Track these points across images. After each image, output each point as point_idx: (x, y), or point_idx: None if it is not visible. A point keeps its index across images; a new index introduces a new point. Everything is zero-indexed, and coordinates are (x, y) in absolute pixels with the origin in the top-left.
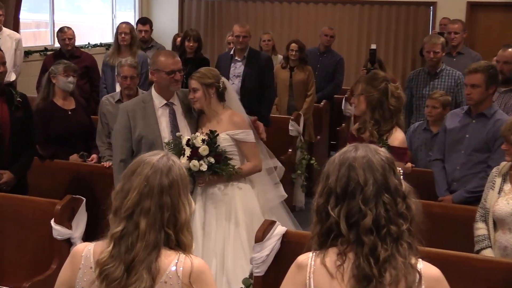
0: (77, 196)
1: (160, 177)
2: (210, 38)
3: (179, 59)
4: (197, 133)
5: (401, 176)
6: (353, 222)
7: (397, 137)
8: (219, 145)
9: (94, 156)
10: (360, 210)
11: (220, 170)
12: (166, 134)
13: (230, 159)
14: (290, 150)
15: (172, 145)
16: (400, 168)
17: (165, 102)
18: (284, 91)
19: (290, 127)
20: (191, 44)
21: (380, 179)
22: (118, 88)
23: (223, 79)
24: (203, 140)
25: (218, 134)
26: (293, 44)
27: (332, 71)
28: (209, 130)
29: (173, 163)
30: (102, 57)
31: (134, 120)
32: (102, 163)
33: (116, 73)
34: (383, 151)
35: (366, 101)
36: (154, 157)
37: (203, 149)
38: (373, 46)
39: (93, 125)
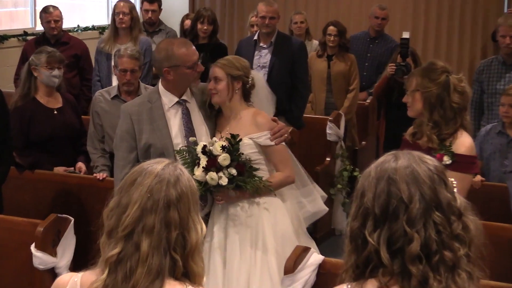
0: (64, 215)
1: (167, 188)
2: (228, 19)
3: (195, 49)
4: (215, 138)
5: (454, 189)
6: (396, 249)
7: (463, 142)
8: (242, 153)
9: (80, 165)
10: (405, 233)
11: (244, 183)
12: (179, 140)
13: (256, 169)
14: (328, 159)
15: (185, 153)
16: (453, 179)
17: (177, 99)
18: (321, 85)
19: (328, 130)
20: (205, 27)
21: (428, 193)
22: (115, 82)
23: (255, 74)
24: (222, 147)
25: (241, 139)
26: (332, 27)
27: (386, 62)
28: (230, 134)
29: (181, 172)
30: (96, 43)
31: (139, 125)
32: (95, 174)
33: (113, 64)
34: (430, 158)
35: (422, 98)
36: (157, 165)
37: (223, 158)
38: (406, 35)
39: (84, 127)
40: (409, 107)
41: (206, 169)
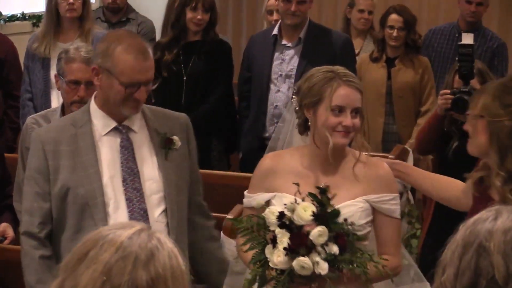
0: None
1: (134, 268)
2: (232, 6)
3: (152, 62)
4: (295, 197)
5: None
6: None
7: None
8: (345, 220)
9: (4, 228)
10: None
11: (350, 264)
12: (114, 186)
13: (362, 238)
14: None
15: (249, 225)
16: None
17: (115, 124)
18: (377, 105)
19: None
20: (198, 17)
21: None
22: (55, 101)
23: None
24: (314, 215)
25: (335, 195)
26: (394, 16)
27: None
28: (316, 186)
29: (158, 245)
30: (27, 41)
31: (56, 159)
32: None
33: (55, 72)
34: None
35: (488, 130)
36: (123, 231)
37: (319, 234)
38: (467, 39)
39: (8, 171)
40: (470, 138)
41: (292, 251)
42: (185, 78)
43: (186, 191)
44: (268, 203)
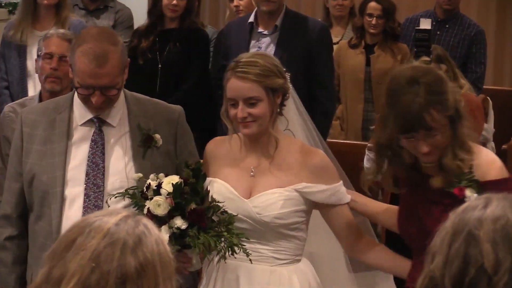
0: None
1: (122, 254)
2: None
3: (111, 69)
4: (162, 174)
5: None
6: None
7: (488, 161)
8: (207, 192)
9: None
10: None
11: (192, 240)
12: (77, 176)
13: (230, 223)
14: None
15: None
16: None
17: (90, 116)
18: (356, 91)
19: (365, 164)
20: (173, 2)
21: None
22: (31, 89)
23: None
24: (173, 186)
25: (201, 168)
26: (373, 4)
27: (463, 54)
28: (185, 163)
29: (145, 230)
30: (2, 30)
31: (29, 143)
32: None
33: (35, 56)
34: None
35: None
36: (109, 218)
37: (156, 204)
38: (425, 24)
39: None
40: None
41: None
42: (160, 66)
43: None
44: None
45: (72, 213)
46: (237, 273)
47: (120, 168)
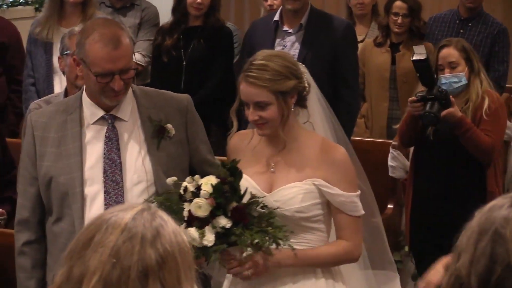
0: None
1: (142, 248)
2: None
3: (126, 50)
4: (197, 176)
5: None
6: None
7: None
8: (242, 192)
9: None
10: None
11: (239, 238)
12: (95, 175)
13: (271, 217)
14: (390, 206)
15: (168, 202)
16: None
17: (102, 113)
18: (381, 90)
19: (390, 162)
20: (198, 1)
21: None
22: (57, 86)
23: (305, 71)
24: (213, 187)
25: (237, 167)
26: (399, 2)
27: (486, 53)
28: (222, 163)
29: (162, 222)
30: (30, 26)
31: (43, 146)
32: None
33: (59, 53)
34: None
35: None
36: (124, 213)
37: (197, 205)
38: (419, 53)
39: (10, 156)
40: None
41: (188, 223)
42: (184, 63)
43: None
44: None
45: (94, 212)
46: None
47: (137, 162)
